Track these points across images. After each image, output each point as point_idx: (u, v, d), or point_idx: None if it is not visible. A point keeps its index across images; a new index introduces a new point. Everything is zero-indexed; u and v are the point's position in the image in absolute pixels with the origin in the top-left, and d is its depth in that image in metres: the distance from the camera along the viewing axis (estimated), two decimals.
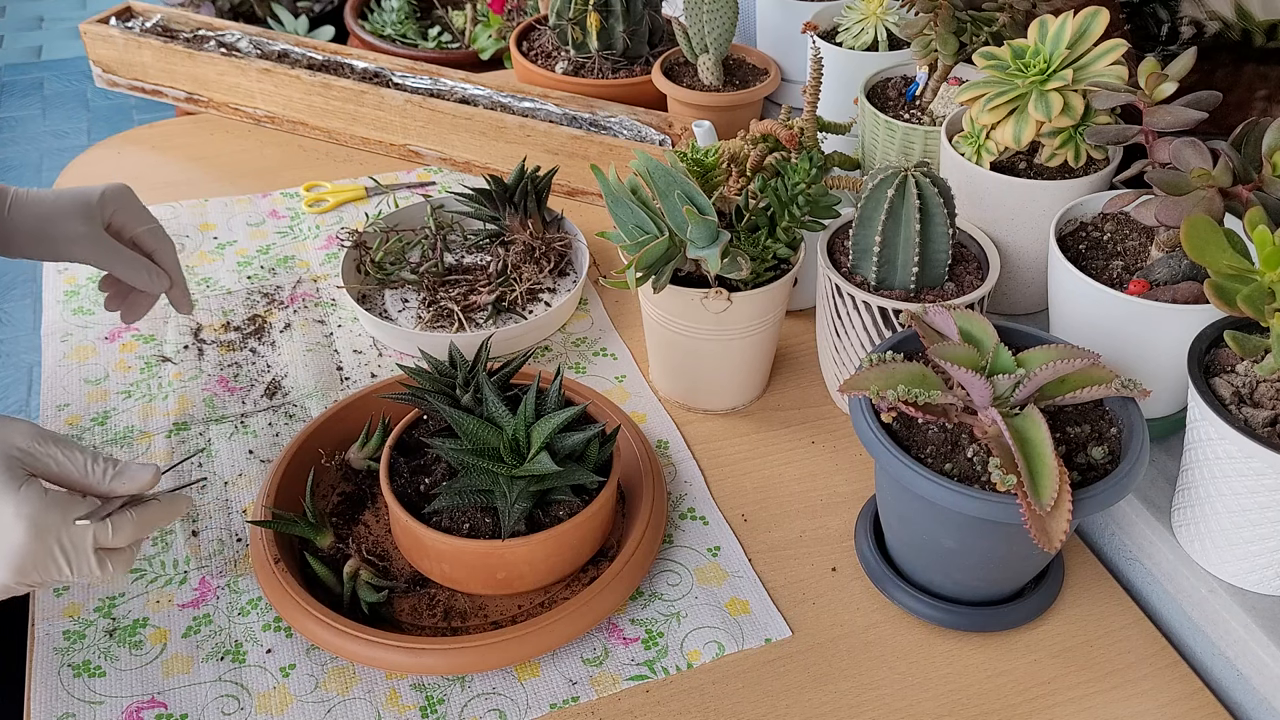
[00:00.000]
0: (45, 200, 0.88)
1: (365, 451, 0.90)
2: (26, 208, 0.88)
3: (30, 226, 0.88)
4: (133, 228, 0.90)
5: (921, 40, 1.06)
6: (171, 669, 0.77)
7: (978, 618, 0.80)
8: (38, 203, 0.88)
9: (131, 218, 0.90)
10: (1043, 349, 0.76)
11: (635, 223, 0.87)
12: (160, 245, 0.91)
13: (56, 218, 0.87)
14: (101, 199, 0.88)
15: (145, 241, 0.90)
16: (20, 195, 0.89)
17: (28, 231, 0.88)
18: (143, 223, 0.91)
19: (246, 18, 2.43)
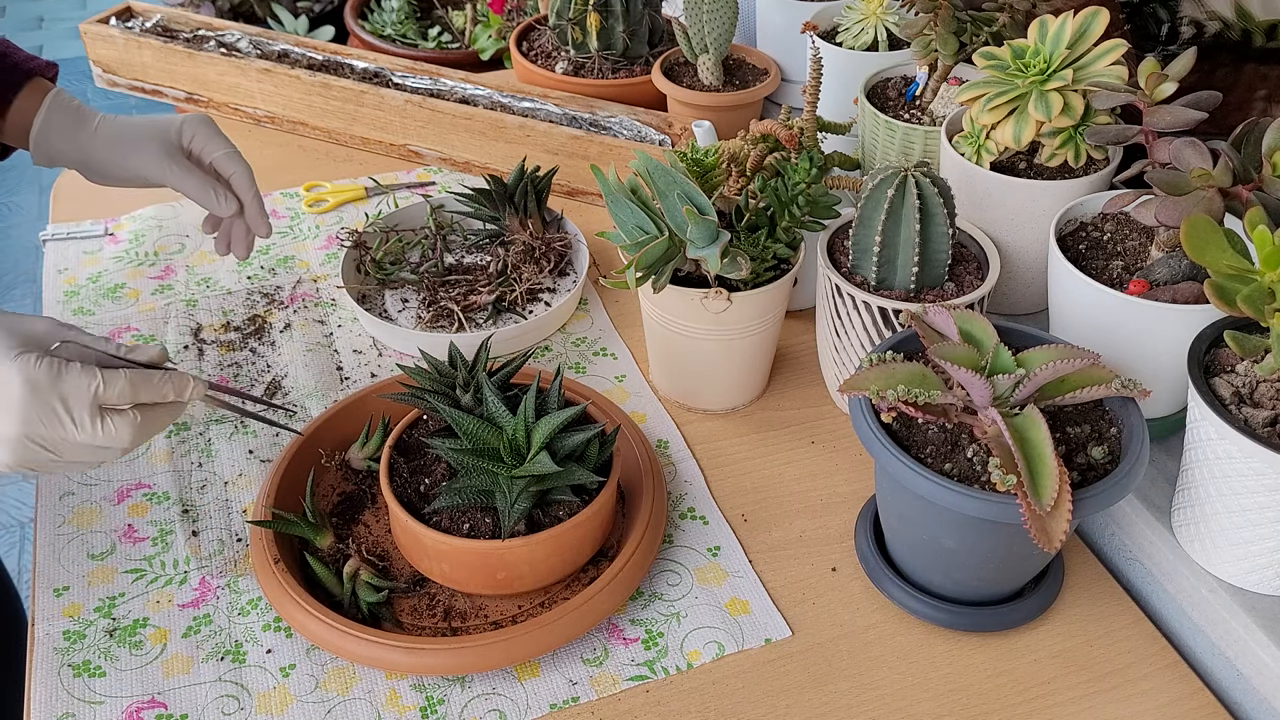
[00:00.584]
0: (128, 124, 0.94)
1: (365, 452, 0.90)
2: (111, 128, 0.94)
3: (111, 146, 0.93)
4: (210, 152, 0.93)
5: (921, 40, 1.06)
6: (171, 669, 0.77)
7: (978, 618, 0.80)
8: (122, 125, 0.94)
9: (208, 143, 0.93)
10: (1043, 349, 0.76)
11: (635, 223, 0.87)
12: (236, 169, 0.94)
13: (136, 139, 0.92)
14: (181, 125, 0.93)
15: (223, 166, 0.93)
16: (107, 119, 0.95)
17: (109, 151, 0.93)
18: (220, 148, 0.93)
19: (246, 18, 2.43)
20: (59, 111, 0.95)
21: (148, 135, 0.92)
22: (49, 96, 0.95)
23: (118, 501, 0.90)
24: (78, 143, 0.94)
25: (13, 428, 0.67)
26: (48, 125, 0.94)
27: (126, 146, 0.92)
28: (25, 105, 0.94)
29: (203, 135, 0.93)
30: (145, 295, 1.14)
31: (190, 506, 0.90)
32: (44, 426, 0.68)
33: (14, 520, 2.11)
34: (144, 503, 0.90)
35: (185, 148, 0.93)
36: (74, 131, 0.94)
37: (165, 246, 1.21)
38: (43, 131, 0.94)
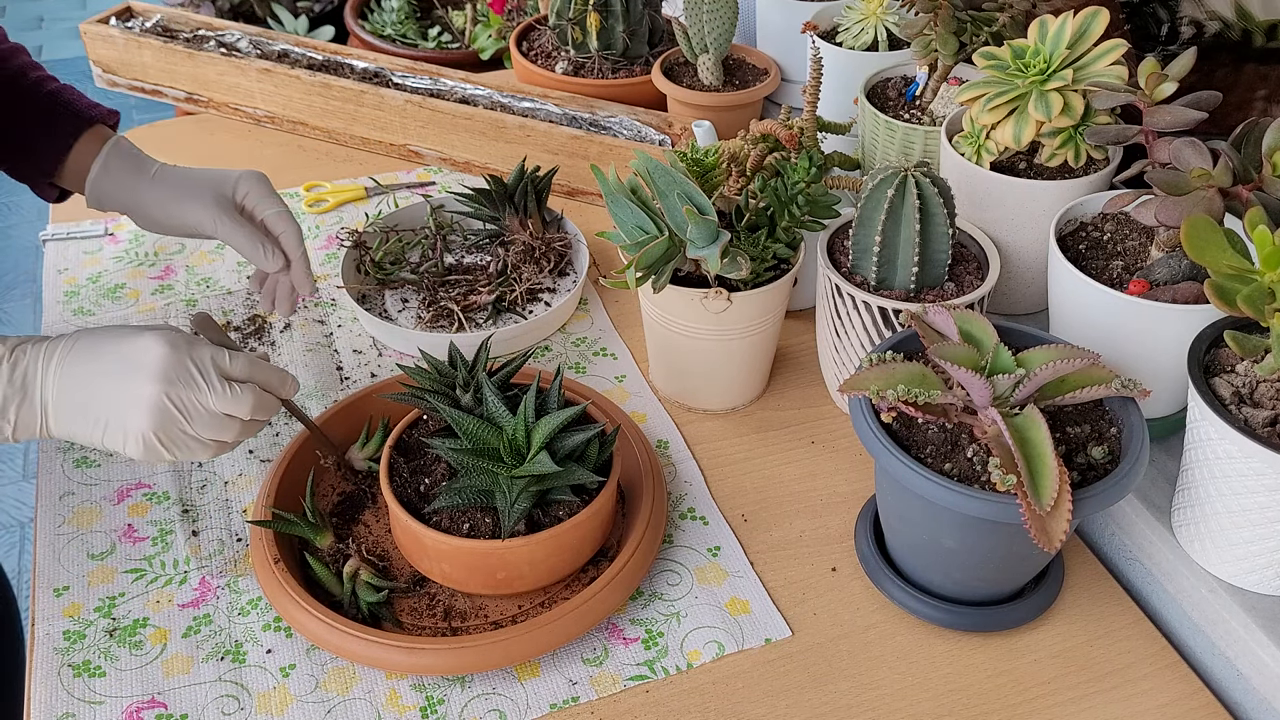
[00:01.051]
0: (184, 174, 0.95)
1: (365, 452, 0.90)
2: (166, 177, 0.95)
3: (165, 196, 0.94)
4: (262, 210, 0.94)
5: (921, 40, 1.06)
6: (171, 669, 0.77)
7: (978, 618, 0.80)
8: (177, 175, 0.95)
9: (261, 200, 0.94)
10: (1043, 349, 0.76)
11: (635, 223, 0.87)
12: (286, 228, 0.94)
13: (190, 190, 0.93)
14: (236, 180, 0.94)
15: (273, 224, 0.94)
16: (164, 168, 0.96)
17: (162, 200, 0.94)
18: (271, 206, 0.94)
19: (246, 18, 2.43)
20: (118, 158, 0.96)
21: (202, 187, 0.93)
22: (109, 143, 0.96)
23: (118, 501, 0.90)
24: (133, 190, 0.95)
25: (153, 387, 0.73)
26: (105, 171, 0.96)
27: (180, 197, 0.93)
28: (85, 150, 0.96)
29: (256, 192, 0.94)
30: (145, 295, 1.14)
31: (190, 506, 0.90)
32: (181, 385, 0.74)
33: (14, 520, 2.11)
34: (144, 502, 0.90)
35: (238, 202, 0.93)
36: (130, 179, 0.95)
37: (165, 246, 1.21)
38: (99, 177, 0.96)
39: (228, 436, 0.77)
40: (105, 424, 0.74)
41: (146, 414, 0.73)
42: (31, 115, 0.96)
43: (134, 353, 0.74)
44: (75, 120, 0.96)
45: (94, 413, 0.74)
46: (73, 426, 0.74)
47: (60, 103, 0.96)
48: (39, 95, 0.96)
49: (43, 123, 0.95)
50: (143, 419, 0.73)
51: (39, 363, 0.74)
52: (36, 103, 0.96)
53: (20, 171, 0.98)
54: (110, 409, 0.74)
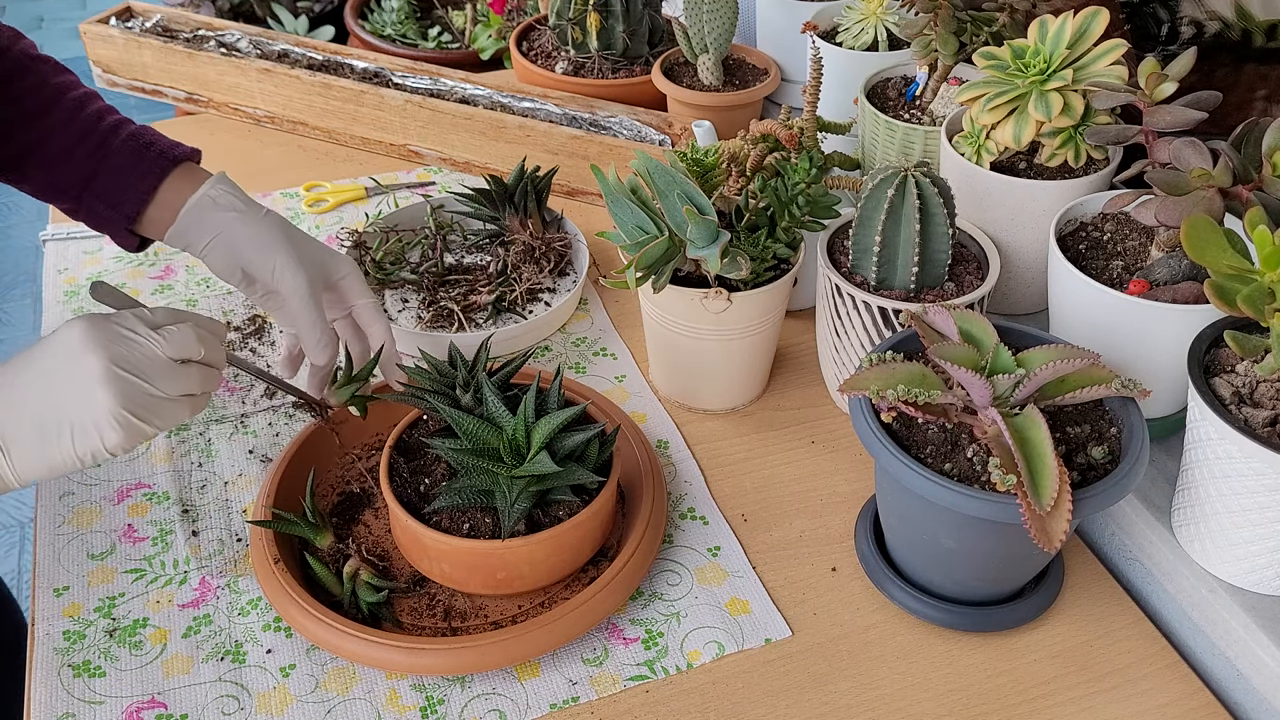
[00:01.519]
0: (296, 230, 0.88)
1: (341, 395, 0.87)
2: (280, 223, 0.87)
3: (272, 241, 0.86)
4: (354, 298, 0.89)
5: (921, 40, 1.06)
6: (171, 669, 0.77)
7: (978, 618, 0.80)
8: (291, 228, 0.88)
9: (356, 288, 0.88)
10: (1043, 349, 0.76)
11: (635, 223, 0.87)
12: (376, 323, 0.89)
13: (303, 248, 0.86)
14: (340, 261, 0.88)
15: (363, 316, 0.89)
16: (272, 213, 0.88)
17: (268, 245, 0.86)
18: (365, 297, 0.89)
19: (246, 18, 2.43)
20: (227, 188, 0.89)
21: (313, 250, 0.87)
22: (210, 180, 0.89)
23: (117, 501, 0.90)
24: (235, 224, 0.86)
25: (95, 359, 0.66)
26: (210, 202, 0.87)
27: (279, 249, 0.85)
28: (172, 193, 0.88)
29: (354, 277, 0.88)
30: (145, 295, 1.14)
31: (190, 506, 0.90)
32: (119, 345, 0.67)
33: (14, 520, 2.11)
34: (144, 503, 0.90)
35: (333, 281, 0.88)
36: (236, 214, 0.87)
37: (165, 247, 1.21)
38: (201, 205, 0.87)
39: (193, 386, 0.71)
40: (70, 426, 0.66)
41: (105, 391, 0.66)
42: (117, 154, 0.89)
43: (56, 347, 0.68)
44: (159, 160, 0.89)
45: (52, 423, 0.66)
46: (38, 452, 0.67)
47: (145, 141, 0.90)
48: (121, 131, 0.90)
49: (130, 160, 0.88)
50: (104, 399, 0.66)
51: None
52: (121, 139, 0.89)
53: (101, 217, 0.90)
54: (66, 408, 0.66)
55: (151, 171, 0.88)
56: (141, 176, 0.88)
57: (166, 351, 0.69)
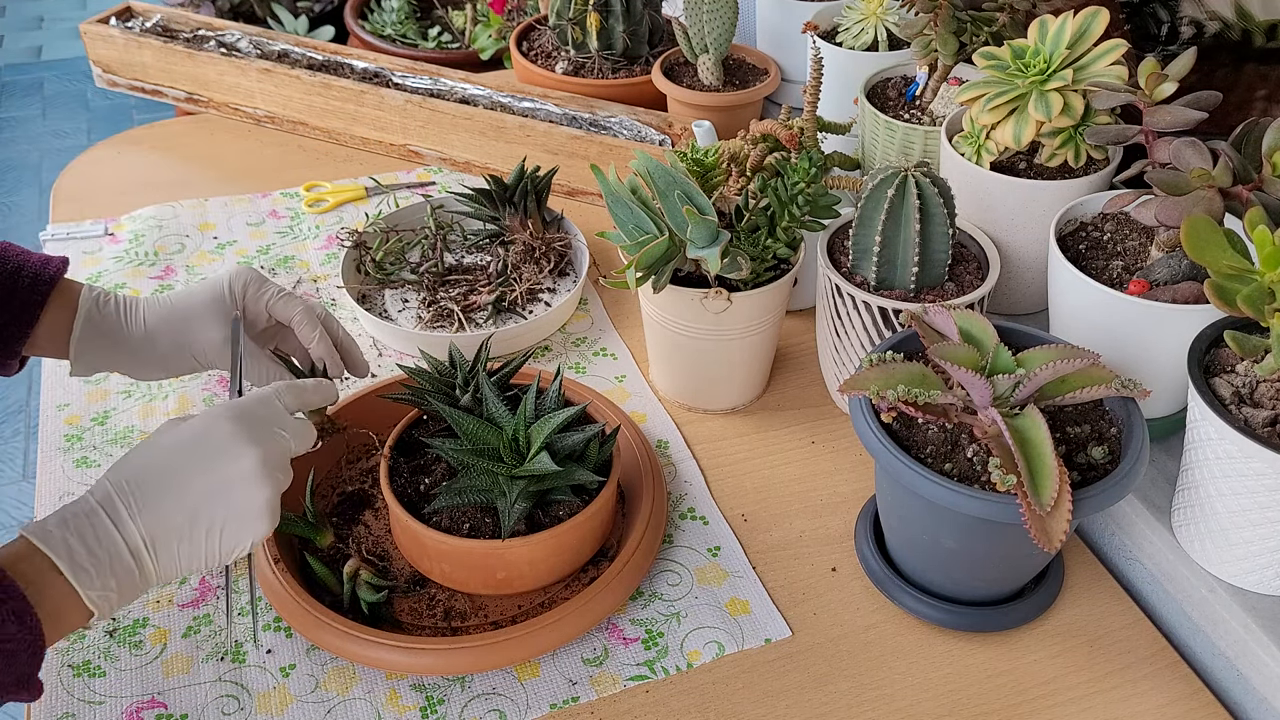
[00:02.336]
0: (174, 304, 0.85)
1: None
2: (157, 314, 0.85)
3: (163, 338, 0.84)
4: (262, 298, 0.86)
5: (921, 40, 1.06)
6: (171, 669, 0.77)
7: (978, 618, 0.80)
8: (167, 308, 0.85)
9: (260, 290, 0.86)
10: (1043, 349, 0.76)
11: (635, 223, 0.87)
12: (293, 312, 0.86)
13: (190, 318, 0.84)
14: (228, 283, 0.85)
15: (280, 311, 0.86)
16: (150, 303, 0.85)
17: (162, 343, 0.84)
18: (269, 290, 0.86)
19: (246, 18, 2.43)
20: (97, 317, 0.84)
21: (200, 310, 0.84)
22: (82, 301, 0.83)
23: None
24: (123, 346, 0.84)
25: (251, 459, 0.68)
26: (88, 334, 0.83)
27: (178, 334, 0.83)
28: (56, 316, 0.83)
29: (254, 286, 0.85)
30: (145, 295, 1.13)
31: None
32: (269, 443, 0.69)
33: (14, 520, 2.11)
34: None
35: (240, 305, 0.85)
36: (116, 335, 0.84)
37: (165, 246, 1.21)
38: (82, 344, 0.83)
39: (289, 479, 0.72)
40: (223, 524, 0.67)
41: (260, 488, 0.67)
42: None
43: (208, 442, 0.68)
44: (34, 287, 0.81)
45: (204, 520, 0.66)
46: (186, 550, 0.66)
47: (10, 269, 0.81)
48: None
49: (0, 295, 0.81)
50: (260, 494, 0.67)
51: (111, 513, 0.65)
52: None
53: None
54: (221, 506, 0.66)
55: (30, 301, 0.81)
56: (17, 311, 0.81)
57: (294, 447, 0.71)
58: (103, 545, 0.64)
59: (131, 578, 0.65)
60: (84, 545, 0.63)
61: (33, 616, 0.60)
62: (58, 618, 0.62)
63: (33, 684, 0.61)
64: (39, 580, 0.62)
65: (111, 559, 0.64)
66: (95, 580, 0.63)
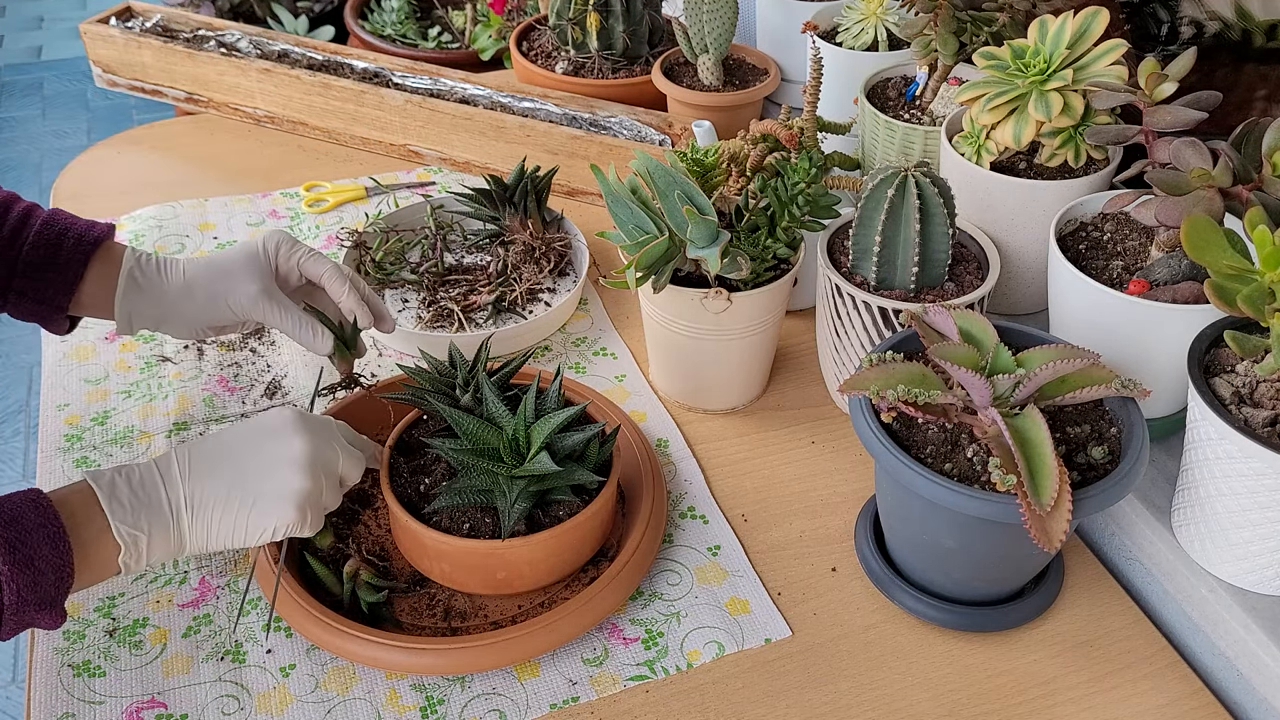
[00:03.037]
0: (212, 263, 0.89)
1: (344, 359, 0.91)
2: (196, 272, 0.89)
3: (203, 295, 0.88)
4: (293, 259, 0.90)
5: (921, 40, 1.06)
6: (171, 669, 0.77)
7: (978, 618, 0.80)
8: (206, 266, 0.89)
9: (292, 252, 0.90)
10: (1043, 349, 0.76)
11: (635, 223, 0.87)
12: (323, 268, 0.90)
13: (226, 275, 0.88)
14: (262, 242, 0.89)
15: (310, 269, 0.90)
16: (190, 263, 0.90)
17: (202, 302, 0.88)
18: (300, 250, 0.90)
19: (246, 18, 2.43)
20: (142, 271, 0.88)
21: (236, 265, 0.88)
22: (127, 259, 0.88)
23: None
24: (164, 299, 0.88)
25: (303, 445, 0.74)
26: (134, 287, 0.88)
27: (216, 285, 0.88)
28: (101, 276, 0.88)
29: (286, 245, 0.90)
30: None
31: None
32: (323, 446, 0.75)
33: None
34: None
35: (274, 263, 0.89)
36: (157, 289, 0.88)
37: (165, 246, 1.21)
38: (129, 295, 0.88)
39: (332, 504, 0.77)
40: (255, 500, 0.72)
41: (301, 475, 0.73)
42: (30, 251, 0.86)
43: (267, 422, 0.75)
44: (79, 246, 0.87)
45: (239, 494, 0.72)
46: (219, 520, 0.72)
47: (58, 230, 0.87)
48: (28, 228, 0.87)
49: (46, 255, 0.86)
50: (299, 481, 0.73)
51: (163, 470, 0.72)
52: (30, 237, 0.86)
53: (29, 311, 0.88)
54: (260, 483, 0.72)
55: (73, 260, 0.87)
56: (62, 269, 0.86)
57: (343, 470, 0.77)
58: (145, 490, 0.70)
59: (165, 530, 0.70)
60: (128, 486, 0.70)
61: (65, 543, 0.66)
62: (89, 549, 0.67)
63: (57, 608, 0.66)
64: (81, 513, 0.68)
65: (150, 506, 0.70)
66: (128, 515, 0.69)
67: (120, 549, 0.68)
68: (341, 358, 0.91)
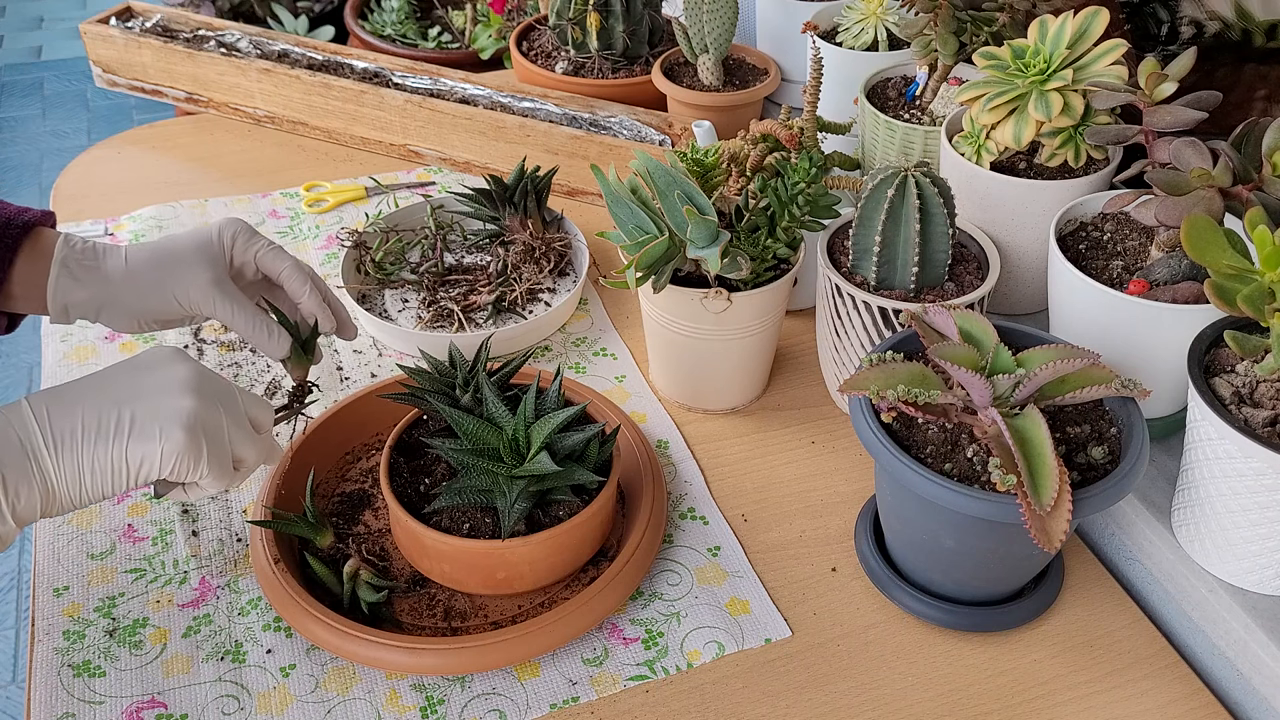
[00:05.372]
0: (159, 246, 0.81)
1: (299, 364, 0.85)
2: (140, 257, 0.81)
3: (144, 278, 0.80)
4: (249, 252, 0.83)
5: (921, 40, 1.06)
6: (171, 669, 0.77)
7: (978, 618, 0.80)
8: (152, 250, 0.81)
9: (249, 242, 0.83)
10: (1043, 349, 0.76)
11: (635, 223, 0.87)
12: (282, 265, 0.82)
13: (174, 261, 0.79)
14: (218, 232, 0.82)
15: (268, 264, 0.83)
16: (132, 249, 0.82)
17: (142, 284, 0.80)
18: (259, 242, 0.83)
19: (246, 18, 2.43)
20: (77, 256, 0.80)
21: (186, 252, 0.80)
22: (59, 243, 0.80)
23: (117, 501, 0.90)
24: (105, 287, 0.80)
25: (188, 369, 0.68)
26: (66, 273, 0.79)
27: (162, 273, 0.79)
28: (30, 263, 0.80)
29: (243, 236, 0.82)
30: None
31: (190, 506, 0.89)
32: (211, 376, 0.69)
33: None
34: (144, 503, 0.90)
35: (229, 254, 0.82)
36: (97, 275, 0.80)
37: None
38: (61, 282, 0.79)
39: (248, 454, 0.70)
40: (131, 422, 0.64)
41: (186, 397, 0.65)
42: None
43: (147, 355, 0.67)
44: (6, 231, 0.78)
45: (112, 420, 0.64)
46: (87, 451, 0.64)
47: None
48: None
49: None
50: (184, 403, 0.65)
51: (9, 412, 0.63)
52: None
53: None
54: (135, 405, 0.64)
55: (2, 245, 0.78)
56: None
57: (246, 405, 0.70)
58: None
59: (23, 472, 0.62)
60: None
61: None
62: None
63: None
64: None
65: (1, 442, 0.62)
66: None
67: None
68: (296, 363, 0.84)
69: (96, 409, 0.64)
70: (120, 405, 0.65)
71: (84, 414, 0.64)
